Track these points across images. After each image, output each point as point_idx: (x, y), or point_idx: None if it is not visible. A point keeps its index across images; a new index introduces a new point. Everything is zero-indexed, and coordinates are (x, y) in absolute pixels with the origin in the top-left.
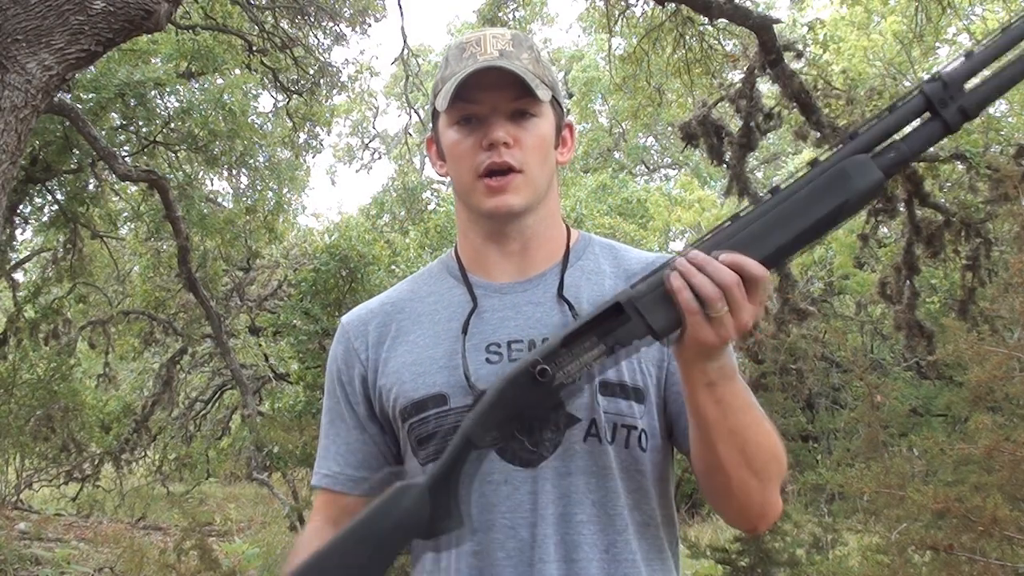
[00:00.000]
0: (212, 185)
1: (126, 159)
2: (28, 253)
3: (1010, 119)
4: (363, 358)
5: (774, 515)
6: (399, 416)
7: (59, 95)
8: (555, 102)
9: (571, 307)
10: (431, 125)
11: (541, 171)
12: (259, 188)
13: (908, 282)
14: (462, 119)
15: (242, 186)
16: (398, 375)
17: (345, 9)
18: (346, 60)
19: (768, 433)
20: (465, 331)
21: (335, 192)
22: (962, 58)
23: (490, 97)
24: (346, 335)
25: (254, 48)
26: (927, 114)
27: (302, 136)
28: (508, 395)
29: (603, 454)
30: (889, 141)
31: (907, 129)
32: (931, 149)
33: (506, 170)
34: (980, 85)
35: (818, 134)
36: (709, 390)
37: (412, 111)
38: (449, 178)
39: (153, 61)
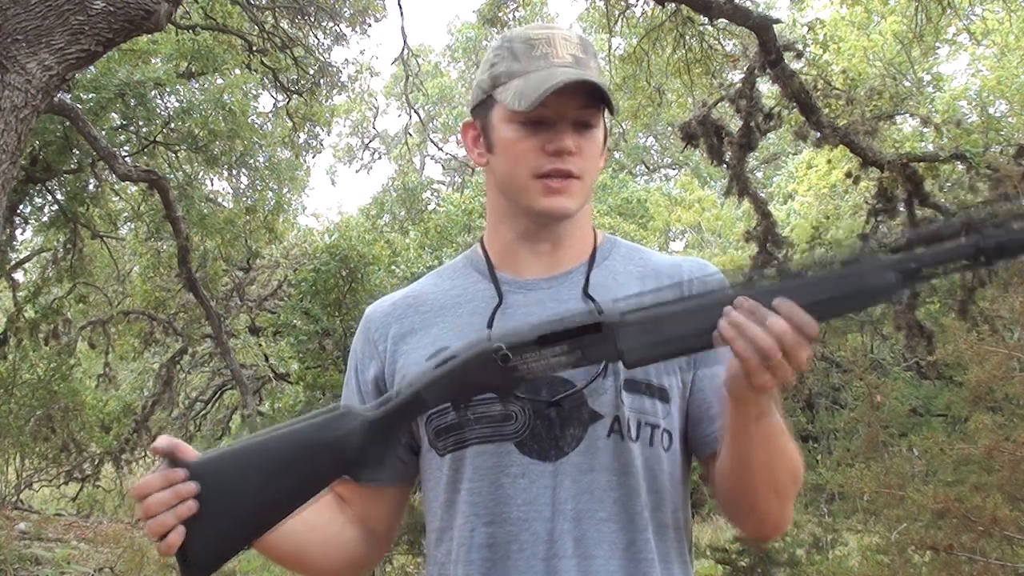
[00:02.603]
0: (212, 185)
1: (126, 159)
2: (28, 253)
3: (1010, 119)
4: (381, 350)
5: (786, 526)
6: None
7: (59, 95)
8: None
9: (597, 305)
10: (476, 111)
11: (593, 179)
12: (259, 188)
13: None
14: (525, 119)
15: (242, 186)
16: (419, 367)
17: (345, 9)
18: (346, 60)
19: (793, 453)
20: (491, 326)
21: (335, 192)
22: None
23: (559, 103)
24: (368, 326)
25: (254, 48)
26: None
27: (302, 136)
28: (468, 368)
29: (626, 451)
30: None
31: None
32: (930, 149)
33: (566, 175)
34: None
35: (818, 134)
36: (758, 423)
37: (412, 111)
38: (490, 171)
39: (153, 61)
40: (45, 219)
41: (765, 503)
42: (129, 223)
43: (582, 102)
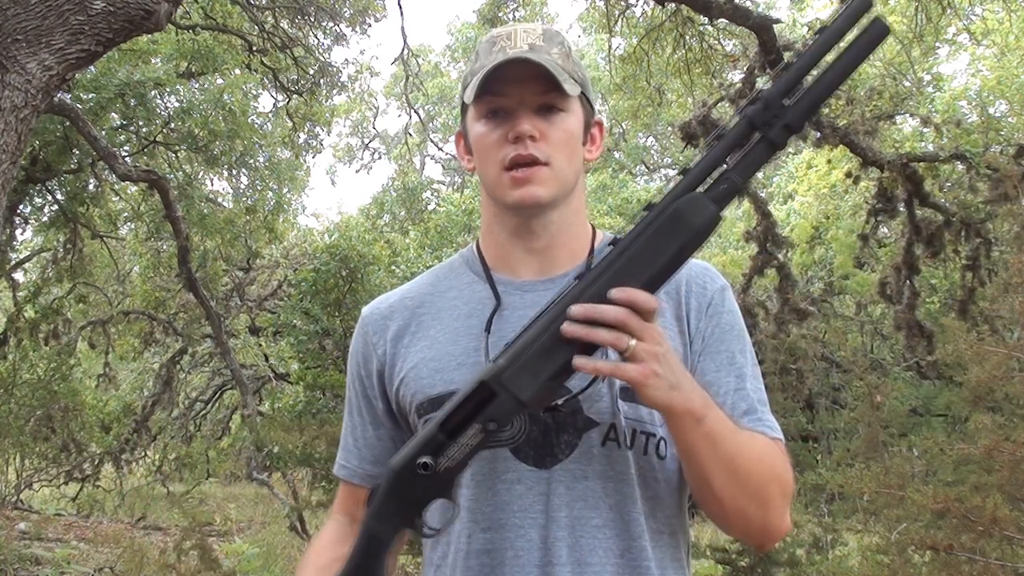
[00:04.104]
0: (212, 185)
1: (126, 159)
2: (28, 253)
3: (1010, 119)
4: (380, 352)
5: (779, 534)
6: (415, 412)
7: (59, 95)
8: (584, 99)
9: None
10: (460, 120)
11: (568, 166)
12: (259, 188)
13: (908, 282)
14: (489, 112)
15: (242, 186)
16: (416, 371)
17: (345, 9)
18: (346, 60)
19: (761, 455)
20: (488, 330)
21: (335, 192)
22: (780, 73)
23: (517, 90)
24: (364, 328)
25: (254, 48)
26: (756, 136)
27: (302, 136)
28: (398, 487)
29: (621, 459)
30: (721, 171)
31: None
32: (930, 149)
33: (531, 162)
34: (800, 98)
35: (818, 134)
36: (693, 428)
37: (412, 111)
38: (477, 173)
39: (153, 61)
40: (45, 219)
41: (736, 510)
42: (129, 223)
43: (540, 87)
